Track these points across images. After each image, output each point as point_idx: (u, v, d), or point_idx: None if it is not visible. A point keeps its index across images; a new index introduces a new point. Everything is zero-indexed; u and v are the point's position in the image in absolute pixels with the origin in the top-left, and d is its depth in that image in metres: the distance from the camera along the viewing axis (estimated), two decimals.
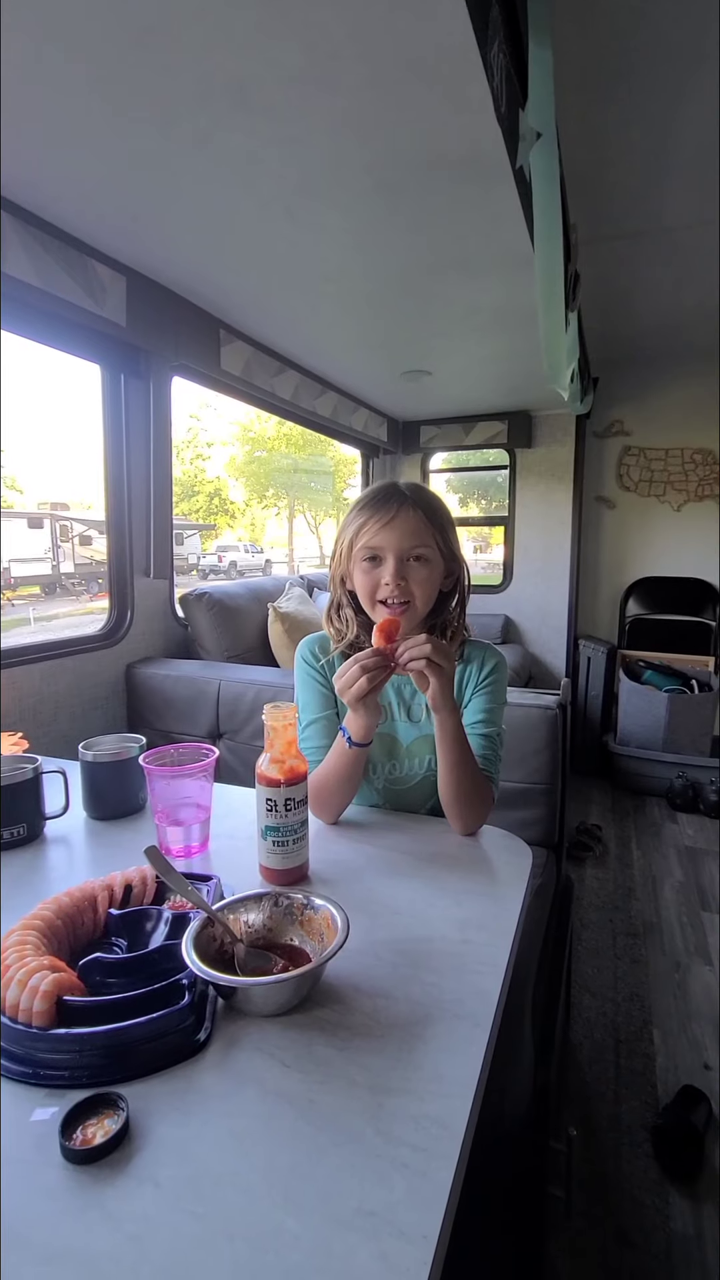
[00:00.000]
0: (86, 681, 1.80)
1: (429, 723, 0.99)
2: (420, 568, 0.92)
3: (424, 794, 1.03)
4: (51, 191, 1.30)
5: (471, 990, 0.60)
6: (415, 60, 0.95)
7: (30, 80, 0.99)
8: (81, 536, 12.84)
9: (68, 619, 9.25)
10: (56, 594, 11.76)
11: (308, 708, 1.02)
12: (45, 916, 0.62)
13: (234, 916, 0.65)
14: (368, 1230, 0.39)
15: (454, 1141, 0.45)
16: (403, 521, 0.91)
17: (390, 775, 1.02)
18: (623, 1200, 1.19)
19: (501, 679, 1.02)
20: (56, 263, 1.42)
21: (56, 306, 1.46)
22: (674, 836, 2.67)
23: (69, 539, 12.74)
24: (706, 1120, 1.32)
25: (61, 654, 1.73)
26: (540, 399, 3.24)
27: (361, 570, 0.94)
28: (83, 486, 12.94)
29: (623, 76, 1.39)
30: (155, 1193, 0.42)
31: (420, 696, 1.00)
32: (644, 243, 2.09)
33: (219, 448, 18.75)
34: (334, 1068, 0.51)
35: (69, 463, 12.70)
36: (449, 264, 1.69)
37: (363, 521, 0.93)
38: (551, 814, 1.44)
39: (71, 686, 1.75)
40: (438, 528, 0.94)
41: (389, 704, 1.02)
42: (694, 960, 1.87)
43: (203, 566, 16.04)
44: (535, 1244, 0.96)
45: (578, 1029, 1.61)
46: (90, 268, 1.51)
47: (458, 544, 0.99)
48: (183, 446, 15.95)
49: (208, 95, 1.03)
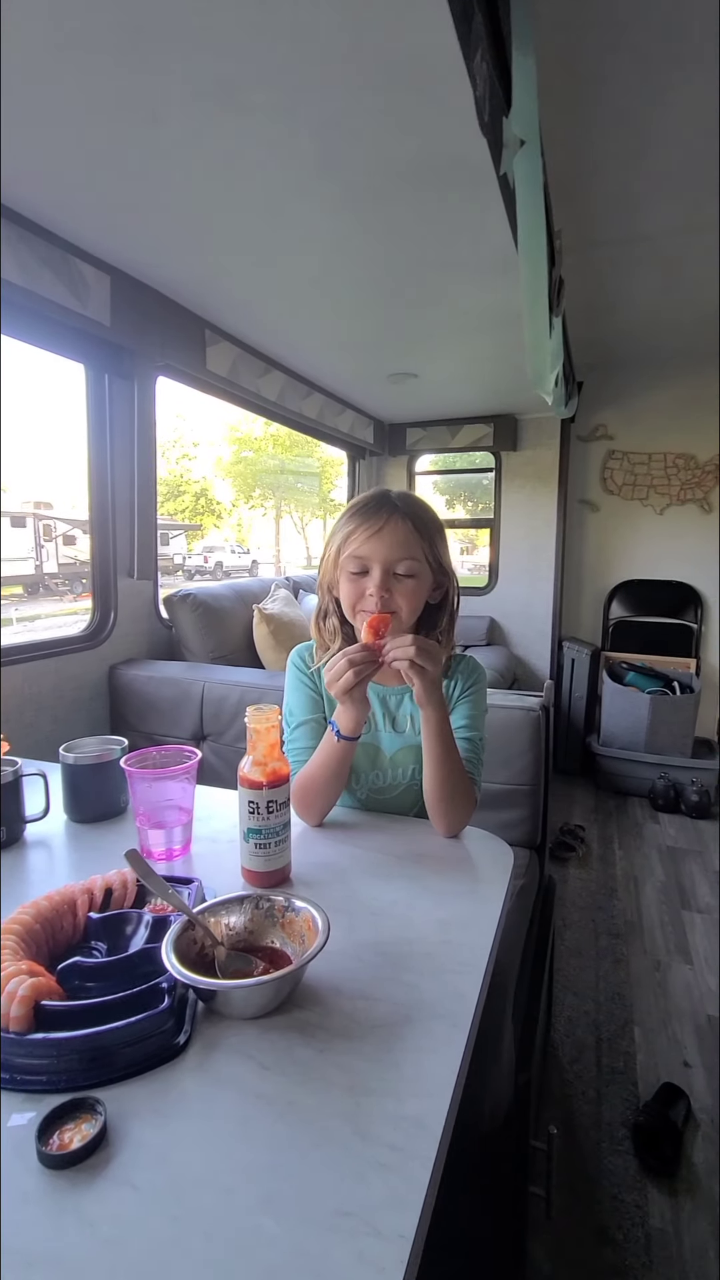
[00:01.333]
0: (69, 683, 1.79)
1: (413, 733, 1.00)
2: (406, 581, 0.91)
3: (407, 803, 1.03)
4: (34, 188, 1.29)
5: (451, 991, 0.60)
6: (401, 67, 0.96)
7: (15, 76, 0.98)
8: (65, 536, 12.71)
9: (50, 619, 9.15)
10: (39, 594, 11.63)
11: (297, 711, 1.02)
12: (24, 921, 0.61)
13: (215, 919, 0.65)
14: (345, 1230, 0.39)
15: (431, 1141, 0.45)
16: (391, 532, 0.90)
17: (374, 785, 1.02)
18: (603, 1198, 1.20)
19: (482, 688, 1.03)
20: (39, 261, 1.41)
21: (39, 305, 1.45)
22: (656, 836, 2.70)
23: (52, 539, 12.61)
24: (685, 1117, 1.34)
25: (44, 655, 1.71)
26: (525, 402, 3.26)
27: (347, 579, 0.93)
28: (66, 486, 12.81)
29: (605, 85, 1.40)
30: (133, 1196, 0.41)
31: (405, 707, 1.01)
32: (627, 249, 2.11)
33: (205, 447, 18.70)
34: (313, 1069, 0.51)
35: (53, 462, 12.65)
36: (435, 267, 1.70)
37: (351, 530, 0.92)
38: (535, 815, 1.45)
39: (54, 688, 1.74)
40: (427, 539, 0.92)
41: (374, 714, 1.01)
42: (674, 959, 1.89)
43: (188, 567, 15.94)
44: (517, 1243, 0.97)
45: (560, 1028, 1.62)
46: (74, 266, 1.50)
47: (448, 556, 0.97)
48: (168, 446, 15.86)
49: (195, 95, 1.03)
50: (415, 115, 1.08)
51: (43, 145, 1.16)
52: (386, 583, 0.90)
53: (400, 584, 0.91)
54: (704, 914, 2.12)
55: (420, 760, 0.98)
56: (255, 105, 1.05)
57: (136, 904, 0.72)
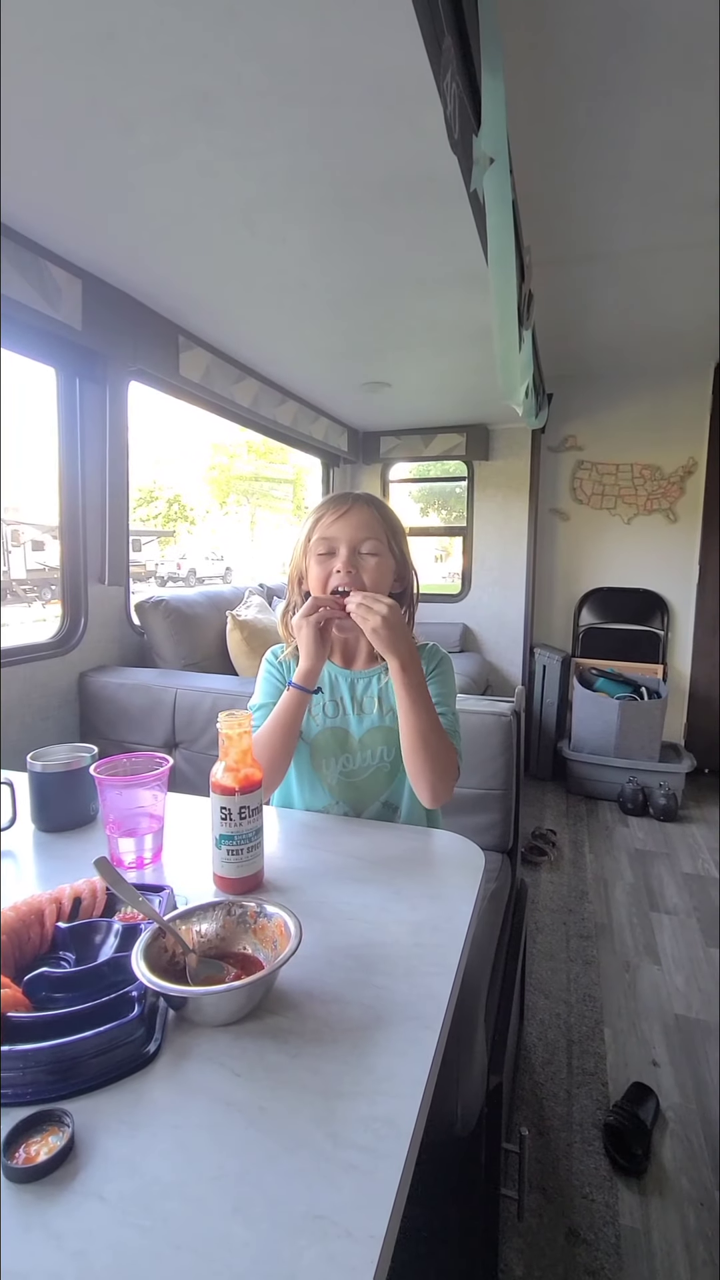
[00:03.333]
0: (37, 690, 1.75)
1: (379, 716, 1.03)
2: (370, 559, 0.98)
3: (379, 785, 1.04)
4: (5, 191, 1.28)
5: (423, 992, 0.61)
6: (373, 84, 0.97)
7: None
8: (34, 542, 12.47)
9: (18, 626, 8.96)
10: (6, 600, 11.38)
11: (262, 696, 1.07)
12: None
13: (186, 926, 0.64)
14: (316, 1233, 0.39)
15: (402, 1141, 0.46)
16: (356, 514, 0.98)
17: (345, 768, 1.04)
18: (574, 1197, 1.21)
19: (447, 670, 1.05)
20: (9, 263, 1.39)
21: (9, 307, 1.43)
22: (625, 840, 2.75)
23: (19, 544, 12.37)
24: (654, 1115, 1.36)
25: (11, 662, 1.68)
26: (497, 413, 3.32)
27: (316, 562, 0.99)
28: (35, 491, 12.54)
29: (574, 107, 1.45)
30: (101, 1208, 0.41)
31: (372, 689, 1.04)
32: (596, 266, 2.17)
33: (179, 453, 18.52)
34: (285, 1074, 0.51)
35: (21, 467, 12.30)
36: (407, 279, 1.72)
37: (319, 517, 1.00)
38: (506, 819, 1.47)
39: (21, 695, 1.70)
40: (389, 528, 1.01)
41: (341, 699, 1.05)
42: (643, 959, 1.93)
43: (160, 574, 15.77)
44: (489, 1245, 0.97)
45: (531, 1030, 1.64)
46: (44, 269, 1.49)
47: (408, 552, 1.05)
48: (141, 451, 15.72)
49: (169, 104, 1.03)
50: (387, 132, 1.10)
51: (14, 149, 1.15)
52: (353, 559, 0.97)
53: (364, 561, 0.98)
54: (671, 915, 2.16)
55: (389, 742, 1.02)
56: (228, 117, 1.06)
57: (106, 913, 0.71)
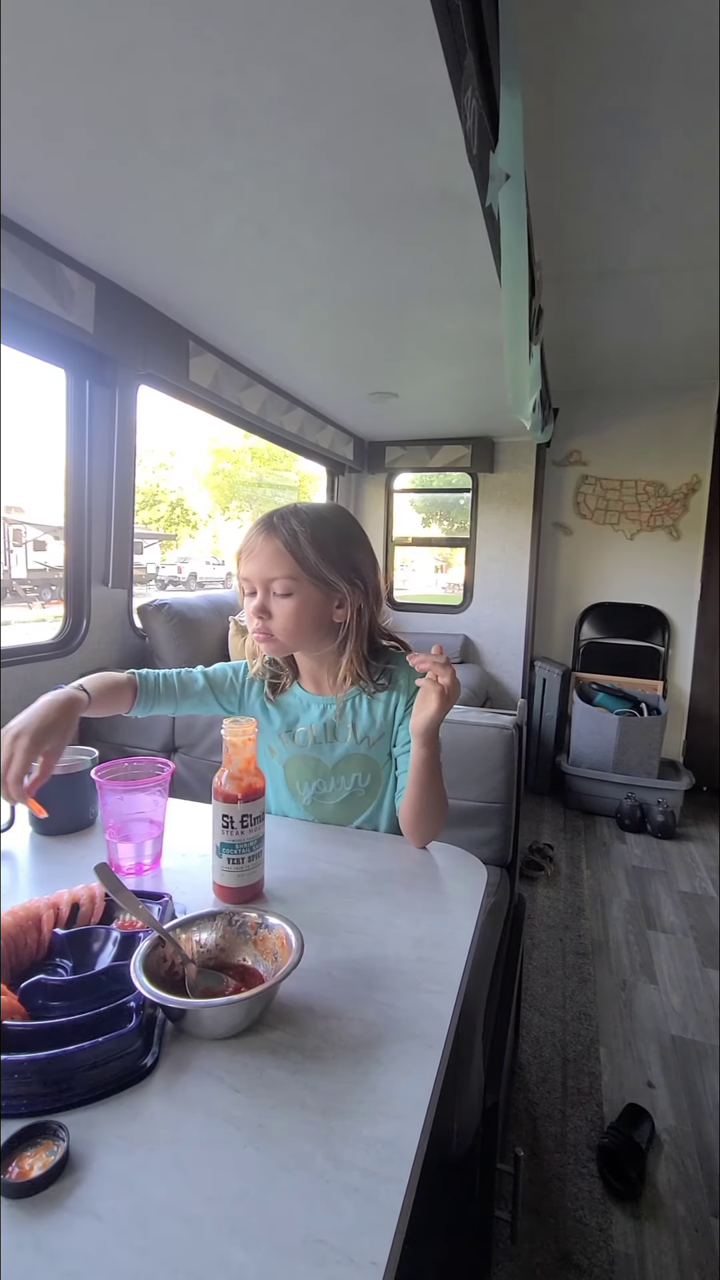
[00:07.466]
0: (37, 692, 1.72)
1: (354, 743, 0.99)
2: (282, 600, 0.91)
3: (353, 810, 1.03)
4: (21, 194, 1.29)
5: (425, 1010, 0.60)
6: (393, 97, 0.98)
7: (8, 83, 0.98)
8: (35, 542, 12.47)
9: (19, 626, 8.94)
10: (7, 600, 11.37)
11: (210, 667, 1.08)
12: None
13: (186, 935, 0.63)
14: (315, 1258, 0.38)
15: (404, 1164, 0.45)
16: (264, 550, 0.90)
17: (319, 791, 1.02)
18: (567, 1221, 1.20)
19: None
20: (23, 265, 1.40)
21: (21, 309, 1.43)
22: (622, 856, 2.74)
23: (22, 544, 12.37)
24: (649, 1138, 1.35)
25: (11, 663, 1.67)
26: (503, 426, 3.33)
27: (244, 599, 0.96)
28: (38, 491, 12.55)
29: (587, 126, 1.46)
30: (95, 1226, 0.40)
31: (346, 717, 1.00)
32: (605, 283, 2.19)
33: (183, 457, 18.59)
34: (285, 1091, 0.50)
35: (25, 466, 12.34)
36: (419, 291, 1.73)
37: (237, 552, 0.95)
38: (506, 833, 1.46)
39: (21, 697, 1.69)
40: (304, 556, 0.89)
41: (311, 727, 1.01)
42: (639, 978, 1.91)
43: (161, 577, 15.77)
44: (482, 1269, 0.95)
45: (527, 1048, 1.62)
46: (59, 272, 1.49)
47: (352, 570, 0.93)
48: (146, 455, 15.77)
49: (187, 114, 1.04)
50: (405, 145, 1.10)
51: (33, 153, 1.15)
52: (265, 602, 0.92)
53: (276, 604, 0.92)
54: (668, 934, 2.14)
55: (366, 769, 1.00)
56: (246, 127, 1.07)
57: (104, 920, 0.70)
